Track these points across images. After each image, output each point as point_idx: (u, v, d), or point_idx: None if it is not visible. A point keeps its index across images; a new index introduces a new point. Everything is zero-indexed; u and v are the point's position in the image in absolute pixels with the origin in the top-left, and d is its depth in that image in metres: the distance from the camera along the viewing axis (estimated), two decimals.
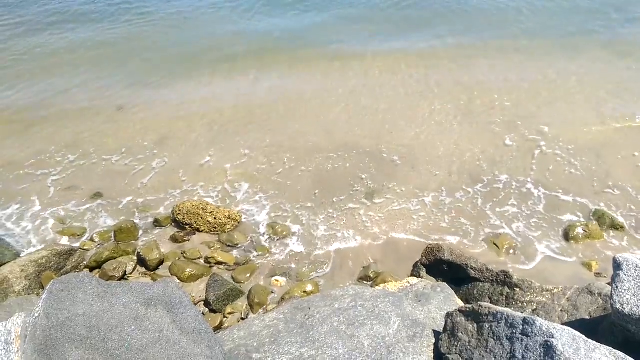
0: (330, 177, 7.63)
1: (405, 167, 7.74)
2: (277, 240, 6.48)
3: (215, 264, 6.10)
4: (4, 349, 2.88)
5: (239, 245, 6.42)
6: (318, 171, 7.75)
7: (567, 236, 6.23)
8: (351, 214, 6.84)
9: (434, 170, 7.60)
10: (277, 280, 5.80)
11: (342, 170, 7.73)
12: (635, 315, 2.96)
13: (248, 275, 5.94)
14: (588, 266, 5.76)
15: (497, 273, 4.81)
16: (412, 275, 5.55)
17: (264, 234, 6.57)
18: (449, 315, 3.53)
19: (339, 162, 7.91)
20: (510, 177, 7.38)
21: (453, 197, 7.06)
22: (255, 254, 6.29)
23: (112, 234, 6.58)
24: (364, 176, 7.57)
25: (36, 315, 3.00)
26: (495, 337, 3.04)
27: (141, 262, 6.09)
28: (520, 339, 2.86)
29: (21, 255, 5.97)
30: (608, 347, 2.72)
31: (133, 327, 3.02)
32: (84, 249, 6.32)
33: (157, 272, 6.01)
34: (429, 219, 6.69)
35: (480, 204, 6.89)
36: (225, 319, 5.33)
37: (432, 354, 3.49)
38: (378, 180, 7.47)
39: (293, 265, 6.07)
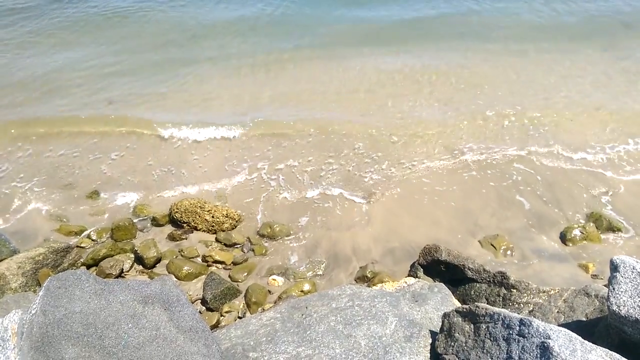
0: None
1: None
2: (275, 239, 6.48)
3: (213, 262, 6.10)
4: (1, 345, 2.87)
5: (237, 244, 6.41)
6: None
7: (564, 238, 6.25)
8: (350, 211, 6.86)
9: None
10: (274, 280, 5.79)
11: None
12: (631, 317, 2.97)
13: (245, 274, 5.94)
14: (585, 268, 5.77)
15: (494, 274, 4.82)
16: (409, 275, 5.55)
17: (261, 232, 6.57)
18: (445, 315, 3.54)
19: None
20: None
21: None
22: (252, 253, 6.29)
23: (110, 231, 6.56)
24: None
25: (33, 312, 2.99)
26: (491, 338, 3.05)
27: (138, 260, 6.08)
28: (516, 340, 2.86)
29: (18, 252, 5.95)
30: (604, 349, 2.73)
31: (130, 325, 3.01)
32: (81, 247, 6.31)
33: (155, 270, 6.00)
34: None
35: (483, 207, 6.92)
36: (222, 317, 5.33)
37: (429, 354, 3.50)
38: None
39: (290, 265, 6.07)
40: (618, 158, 7.75)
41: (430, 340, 3.61)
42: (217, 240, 6.50)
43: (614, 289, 3.13)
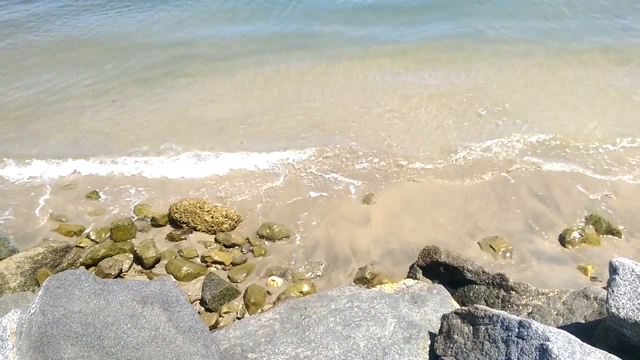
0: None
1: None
2: (274, 240, 6.47)
3: (212, 263, 6.10)
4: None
5: (236, 245, 6.41)
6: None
7: (563, 240, 6.25)
8: (349, 211, 6.86)
9: None
10: (273, 281, 5.79)
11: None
12: (630, 319, 2.97)
13: (244, 274, 5.93)
14: (584, 270, 5.78)
15: (493, 276, 4.83)
16: (408, 276, 5.56)
17: (260, 233, 6.56)
18: (444, 317, 3.54)
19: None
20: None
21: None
22: (251, 253, 6.28)
23: (109, 231, 6.56)
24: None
25: (32, 311, 2.99)
26: (490, 340, 3.05)
27: (137, 260, 6.07)
28: (515, 342, 2.86)
29: (17, 252, 5.95)
30: (603, 351, 2.73)
31: (129, 325, 3.01)
32: (80, 246, 6.30)
33: (153, 270, 6.00)
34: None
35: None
36: (221, 318, 5.32)
37: (428, 356, 3.50)
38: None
39: (290, 265, 6.07)
40: (617, 161, 7.76)
41: (429, 342, 3.61)
42: (216, 240, 6.49)
43: (613, 291, 3.13)
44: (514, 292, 4.60)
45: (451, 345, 3.32)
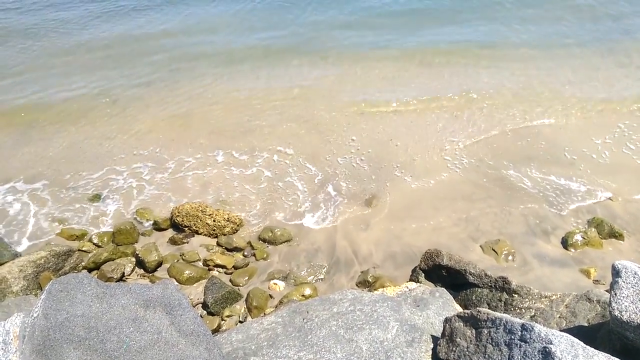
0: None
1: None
2: (276, 243, 6.47)
3: (214, 266, 6.10)
4: (2, 349, 2.87)
5: (238, 248, 6.41)
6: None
7: (565, 243, 6.24)
8: (350, 214, 6.86)
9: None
10: (275, 284, 5.79)
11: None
12: (633, 322, 2.96)
13: (246, 278, 5.94)
14: (586, 273, 5.76)
15: (495, 279, 4.82)
16: (410, 280, 5.55)
17: (262, 237, 6.56)
18: (447, 320, 3.53)
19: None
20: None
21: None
22: (253, 257, 6.28)
23: (111, 235, 6.56)
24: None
25: (35, 315, 3.00)
26: (493, 343, 3.04)
27: (140, 263, 6.08)
28: (518, 345, 2.86)
29: (20, 256, 5.96)
30: (606, 354, 2.72)
31: (131, 329, 3.02)
32: (82, 250, 6.31)
33: (156, 274, 6.00)
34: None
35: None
36: (223, 321, 5.32)
37: (431, 359, 3.50)
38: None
39: (292, 269, 6.06)
40: (620, 164, 7.75)
41: (431, 345, 3.61)
42: (218, 244, 6.50)
43: (615, 294, 3.13)
44: (516, 295, 4.60)
45: (454, 349, 3.32)
